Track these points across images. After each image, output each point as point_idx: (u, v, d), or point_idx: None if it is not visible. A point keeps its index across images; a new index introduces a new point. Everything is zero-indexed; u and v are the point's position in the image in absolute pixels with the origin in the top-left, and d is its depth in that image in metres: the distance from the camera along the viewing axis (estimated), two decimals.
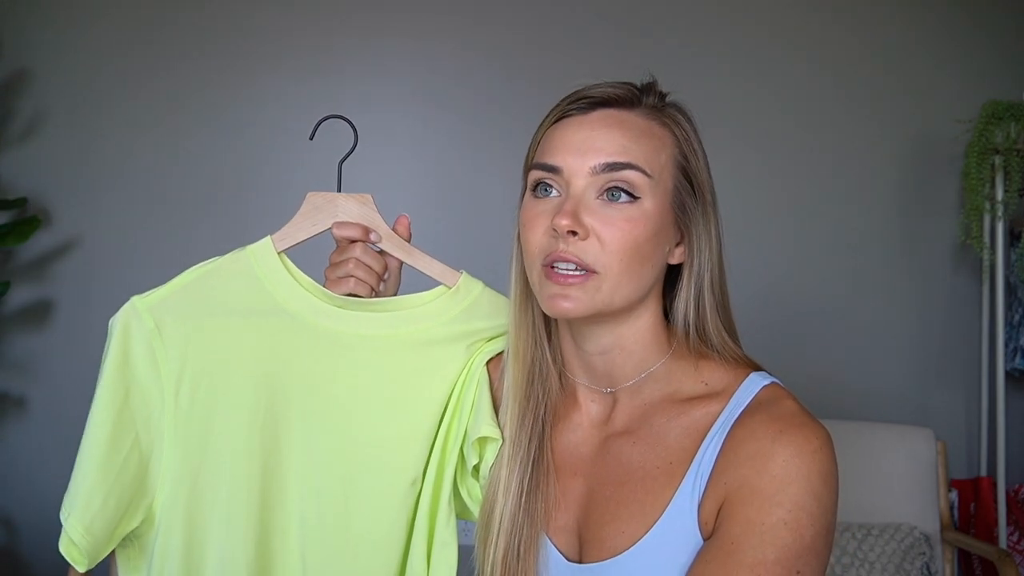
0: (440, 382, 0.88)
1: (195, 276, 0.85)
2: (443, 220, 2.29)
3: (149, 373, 0.82)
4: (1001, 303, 2.32)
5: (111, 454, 0.79)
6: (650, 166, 0.75)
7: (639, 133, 0.76)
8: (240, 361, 0.84)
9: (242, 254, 0.87)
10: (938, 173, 2.43)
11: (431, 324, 0.88)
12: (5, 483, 2.28)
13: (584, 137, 0.76)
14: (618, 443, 0.81)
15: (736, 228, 2.44)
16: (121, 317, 0.83)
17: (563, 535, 0.81)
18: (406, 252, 0.91)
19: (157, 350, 0.82)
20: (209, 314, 0.84)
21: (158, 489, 0.82)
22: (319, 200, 0.90)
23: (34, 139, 2.28)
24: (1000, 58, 2.44)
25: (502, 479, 0.82)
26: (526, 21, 2.37)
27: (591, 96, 0.78)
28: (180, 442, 0.82)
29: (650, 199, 0.75)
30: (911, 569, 1.94)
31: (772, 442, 0.71)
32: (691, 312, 0.79)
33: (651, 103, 0.79)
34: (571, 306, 0.75)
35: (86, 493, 0.78)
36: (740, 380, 0.78)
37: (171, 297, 0.83)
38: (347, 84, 2.34)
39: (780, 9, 2.42)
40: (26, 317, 2.29)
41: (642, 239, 0.75)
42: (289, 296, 0.86)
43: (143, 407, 0.82)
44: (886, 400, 2.41)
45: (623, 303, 0.77)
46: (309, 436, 0.85)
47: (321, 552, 0.85)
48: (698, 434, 0.76)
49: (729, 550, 0.69)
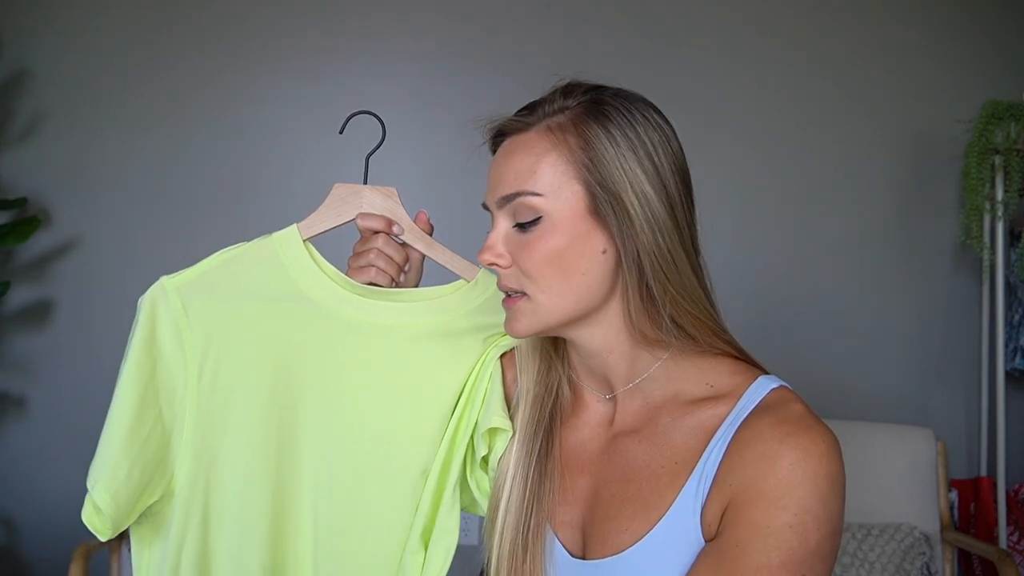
0: (455, 373, 0.90)
1: (222, 260, 0.87)
2: (443, 220, 2.29)
3: (175, 351, 0.84)
4: (1001, 303, 2.32)
5: (136, 427, 0.81)
6: (543, 185, 0.76)
7: (533, 155, 0.77)
8: (261, 345, 0.86)
9: (268, 240, 0.89)
10: (938, 173, 2.43)
11: (449, 316, 0.91)
12: (5, 483, 2.28)
13: (494, 173, 0.81)
14: (624, 442, 0.82)
15: (736, 228, 2.46)
16: (149, 296, 0.85)
17: (567, 530, 0.82)
18: (427, 245, 0.94)
19: (183, 330, 0.84)
20: (234, 297, 0.86)
21: (178, 466, 0.84)
22: (345, 191, 0.92)
23: (34, 139, 2.28)
24: (1000, 58, 2.44)
25: (510, 471, 0.83)
26: (526, 22, 2.37)
27: (496, 130, 0.82)
28: (201, 421, 0.84)
29: (555, 213, 0.76)
30: (911, 569, 1.94)
31: (779, 444, 0.70)
32: (629, 307, 0.78)
33: (551, 111, 0.78)
34: (519, 326, 0.79)
35: (113, 463, 0.80)
36: (748, 383, 0.78)
37: (198, 279, 0.86)
38: (347, 84, 2.34)
39: (780, 9, 2.42)
40: (26, 317, 2.29)
41: (555, 253, 0.76)
42: (312, 283, 0.88)
43: (167, 384, 0.84)
44: (886, 400, 2.41)
45: (572, 313, 0.78)
46: (324, 421, 0.87)
47: (331, 536, 0.86)
48: (704, 435, 0.76)
49: (734, 553, 0.69)
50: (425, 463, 0.88)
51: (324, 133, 2.29)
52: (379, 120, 0.96)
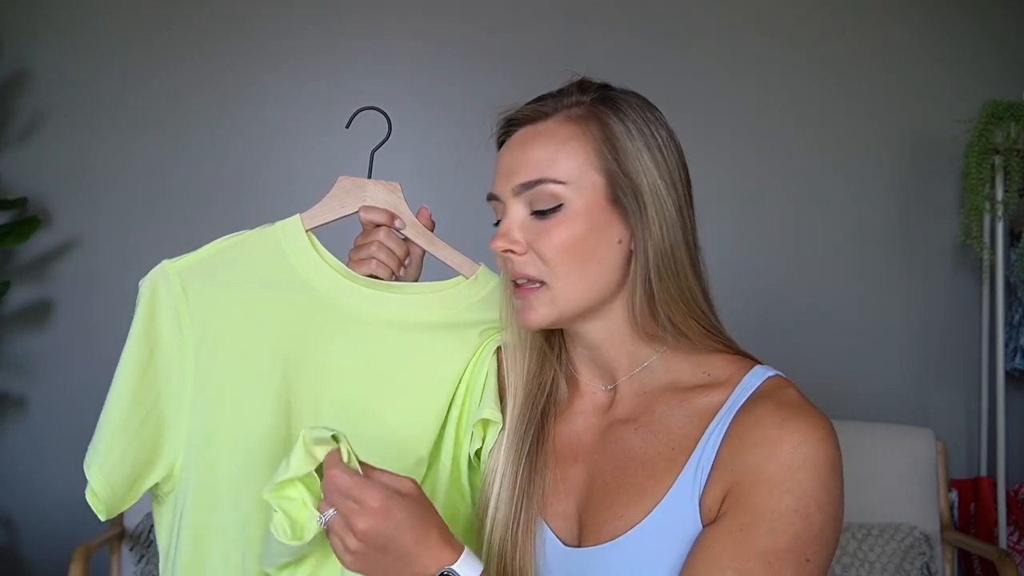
0: (451, 366, 0.90)
1: (224, 246, 0.88)
2: (442, 218, 2.29)
3: (173, 334, 0.84)
4: (1001, 303, 2.32)
5: (133, 410, 0.82)
6: (566, 173, 0.77)
7: (554, 143, 0.78)
8: (260, 331, 0.86)
9: (271, 229, 0.89)
10: (938, 173, 2.43)
11: (450, 310, 0.91)
12: (5, 483, 2.28)
13: (508, 162, 0.80)
14: (620, 430, 0.82)
15: (736, 228, 2.46)
16: (150, 279, 0.85)
17: (562, 520, 0.82)
18: (428, 240, 0.95)
19: (182, 313, 0.84)
20: (234, 283, 0.86)
21: (180, 449, 0.84)
22: (349, 184, 0.93)
23: (34, 139, 2.28)
24: (1000, 58, 2.44)
25: (499, 468, 0.84)
26: (526, 22, 2.37)
27: (512, 118, 0.82)
28: (198, 405, 0.84)
29: (577, 200, 0.77)
30: (911, 569, 1.94)
31: (779, 429, 0.71)
32: (636, 298, 0.79)
33: (569, 103, 0.80)
34: (533, 315, 0.79)
35: (106, 446, 0.81)
36: (744, 371, 0.79)
37: (200, 263, 0.86)
38: (347, 84, 2.34)
39: (780, 9, 2.42)
40: (26, 317, 2.29)
41: (575, 241, 0.77)
42: (313, 273, 0.89)
43: (165, 367, 0.84)
44: (886, 400, 2.41)
45: (586, 303, 0.79)
46: (323, 409, 0.87)
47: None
48: (701, 421, 0.77)
49: (738, 537, 0.69)
50: (419, 453, 0.88)
51: (324, 133, 2.29)
52: (385, 116, 0.96)
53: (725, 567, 0.68)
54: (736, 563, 0.68)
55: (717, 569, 0.68)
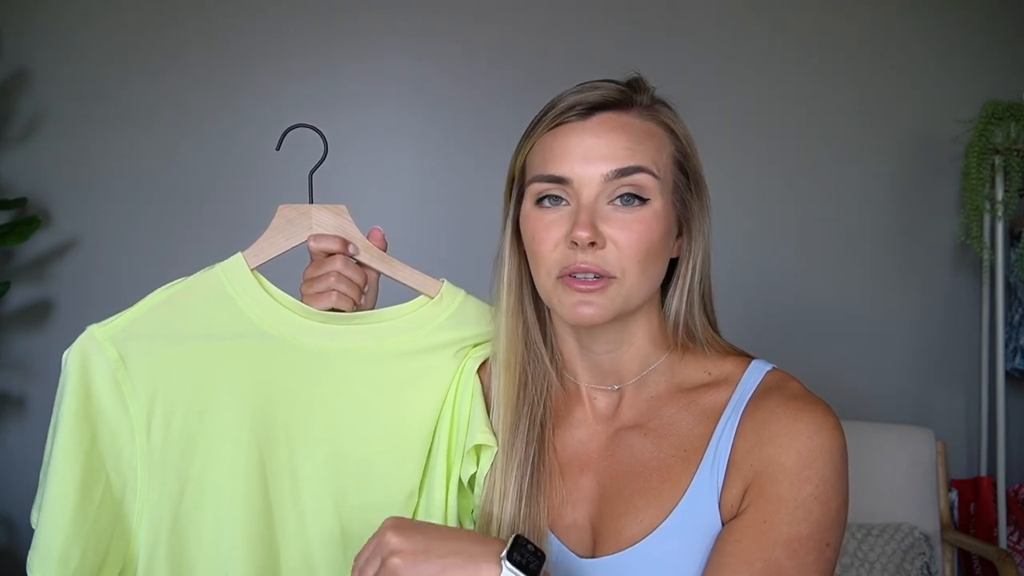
0: (430, 391, 0.86)
1: (161, 299, 0.79)
2: (443, 220, 2.30)
3: (116, 409, 0.76)
4: (1001, 303, 2.32)
5: (84, 503, 0.74)
6: (656, 166, 0.76)
7: (640, 134, 0.76)
8: (216, 388, 0.79)
9: (211, 273, 0.82)
10: (938, 173, 2.43)
11: (417, 334, 0.86)
12: (5, 483, 2.28)
13: (590, 145, 0.75)
14: (628, 437, 0.81)
15: (736, 228, 2.45)
16: (77, 349, 0.77)
17: (573, 532, 0.80)
18: (385, 263, 0.88)
19: (123, 383, 0.76)
20: (179, 339, 0.78)
21: (136, 532, 0.77)
22: (291, 213, 0.86)
23: (34, 139, 2.28)
24: (1000, 58, 2.44)
25: (497, 487, 0.81)
26: (526, 21, 2.37)
27: (587, 101, 0.77)
28: (156, 479, 0.77)
29: (658, 199, 0.76)
30: (911, 569, 1.94)
31: (793, 421, 0.73)
32: (683, 305, 0.80)
33: (644, 101, 0.79)
34: (594, 312, 0.75)
35: (61, 550, 0.73)
36: (743, 367, 0.80)
37: (135, 323, 0.78)
38: (346, 84, 2.33)
39: (780, 9, 2.42)
40: (26, 317, 2.28)
41: (655, 239, 0.76)
42: (266, 316, 0.81)
43: (112, 447, 0.76)
44: (886, 400, 2.41)
45: (639, 302, 0.78)
46: (300, 459, 0.82)
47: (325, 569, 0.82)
48: (710, 419, 0.77)
49: (762, 528, 0.70)
50: (411, 485, 0.85)
51: (324, 133, 2.28)
52: (320, 135, 0.90)
53: (754, 559, 0.69)
54: (763, 554, 0.69)
55: (745, 562, 0.69)
